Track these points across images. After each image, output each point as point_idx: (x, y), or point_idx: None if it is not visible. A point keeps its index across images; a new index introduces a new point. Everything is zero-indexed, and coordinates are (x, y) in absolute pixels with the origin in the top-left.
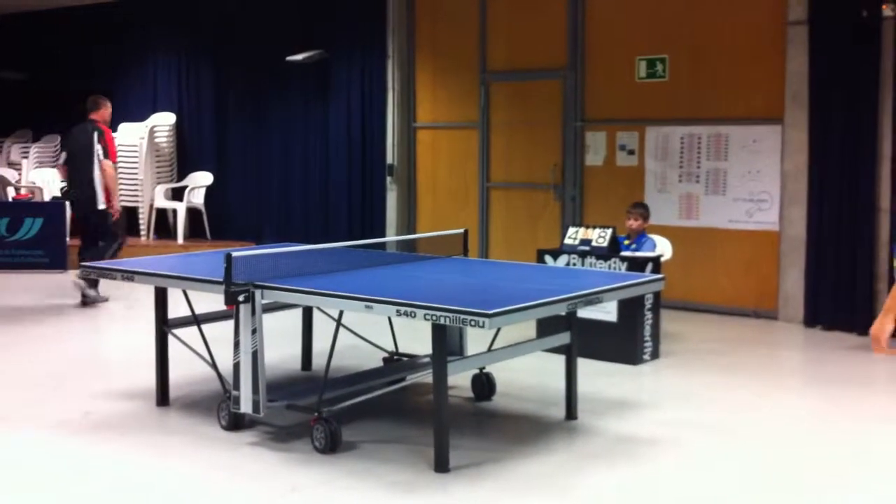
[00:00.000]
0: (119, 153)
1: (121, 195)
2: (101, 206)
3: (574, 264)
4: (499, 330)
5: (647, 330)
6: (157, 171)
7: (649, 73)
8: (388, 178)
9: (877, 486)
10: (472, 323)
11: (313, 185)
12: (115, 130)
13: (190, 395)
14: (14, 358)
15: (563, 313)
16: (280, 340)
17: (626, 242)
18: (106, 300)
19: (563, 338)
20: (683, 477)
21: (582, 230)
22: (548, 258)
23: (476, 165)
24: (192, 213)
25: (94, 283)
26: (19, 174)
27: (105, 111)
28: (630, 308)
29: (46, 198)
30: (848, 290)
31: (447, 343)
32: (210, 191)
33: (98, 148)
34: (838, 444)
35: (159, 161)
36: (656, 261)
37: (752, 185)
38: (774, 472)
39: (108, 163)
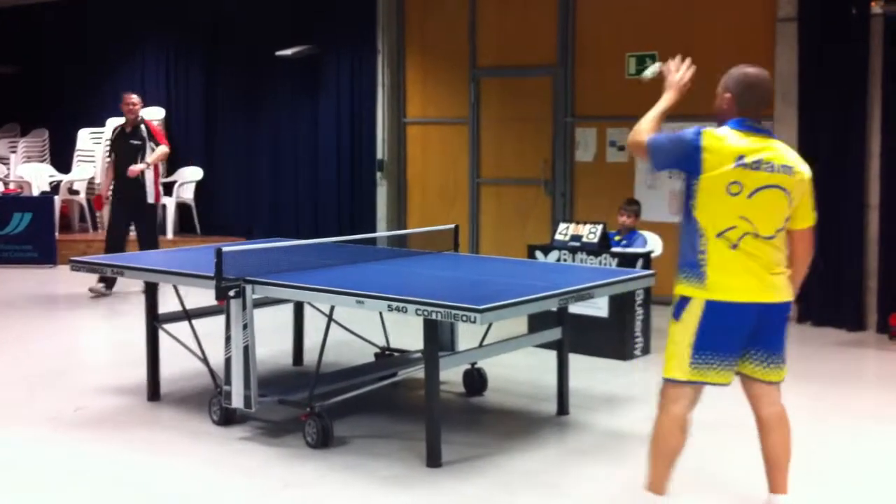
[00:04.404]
0: (107, 149)
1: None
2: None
3: (565, 260)
4: (490, 325)
5: (638, 325)
6: None
7: (639, 70)
8: (378, 174)
9: (866, 482)
10: (464, 318)
11: (303, 180)
12: (103, 125)
13: (181, 390)
14: (3, 354)
15: (555, 309)
16: (271, 336)
17: (617, 238)
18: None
19: (555, 333)
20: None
21: (572, 226)
22: (538, 254)
23: (466, 161)
24: (182, 208)
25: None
26: (7, 169)
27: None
28: (621, 304)
29: (35, 192)
30: (838, 286)
31: (438, 338)
32: (200, 186)
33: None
34: (829, 441)
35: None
36: (647, 257)
37: None
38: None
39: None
